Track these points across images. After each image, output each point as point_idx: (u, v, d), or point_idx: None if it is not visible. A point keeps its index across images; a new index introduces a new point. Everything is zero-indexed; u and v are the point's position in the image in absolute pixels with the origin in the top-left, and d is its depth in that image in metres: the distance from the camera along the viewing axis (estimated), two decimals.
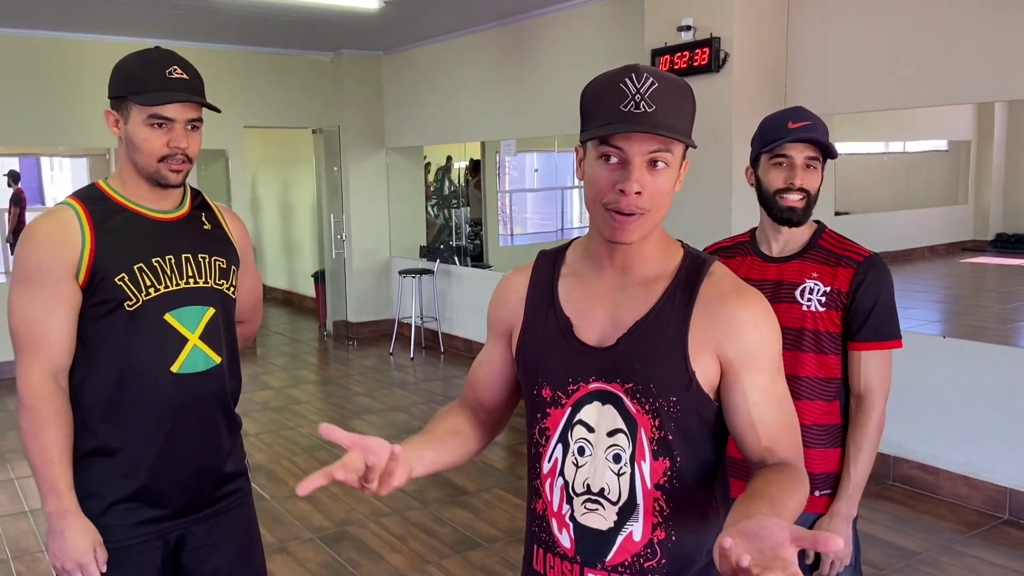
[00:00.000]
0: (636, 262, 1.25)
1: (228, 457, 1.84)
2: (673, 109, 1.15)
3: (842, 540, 1.03)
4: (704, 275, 1.24)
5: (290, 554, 3.65)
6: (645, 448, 1.22)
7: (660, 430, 1.21)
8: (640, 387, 1.21)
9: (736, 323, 1.20)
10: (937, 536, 3.70)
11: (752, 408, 1.21)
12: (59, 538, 1.62)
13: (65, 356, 1.66)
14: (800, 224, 1.93)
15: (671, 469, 1.22)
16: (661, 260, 1.26)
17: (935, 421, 4.12)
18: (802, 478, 1.19)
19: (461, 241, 9.70)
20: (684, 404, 1.21)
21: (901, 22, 4.11)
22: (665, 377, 1.20)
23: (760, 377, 1.21)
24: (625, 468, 1.23)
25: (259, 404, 6.01)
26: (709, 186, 4.42)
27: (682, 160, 1.21)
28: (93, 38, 6.81)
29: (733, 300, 1.22)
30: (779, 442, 1.21)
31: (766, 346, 1.22)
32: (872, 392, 1.89)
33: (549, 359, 1.28)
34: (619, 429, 1.23)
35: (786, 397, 1.25)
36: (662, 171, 1.16)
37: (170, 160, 1.67)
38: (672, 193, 1.20)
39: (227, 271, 1.82)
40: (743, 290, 1.24)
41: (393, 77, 8.08)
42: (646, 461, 1.22)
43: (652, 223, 1.20)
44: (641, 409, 1.22)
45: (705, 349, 1.20)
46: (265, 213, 11.07)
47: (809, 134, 1.85)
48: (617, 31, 5.58)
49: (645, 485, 1.23)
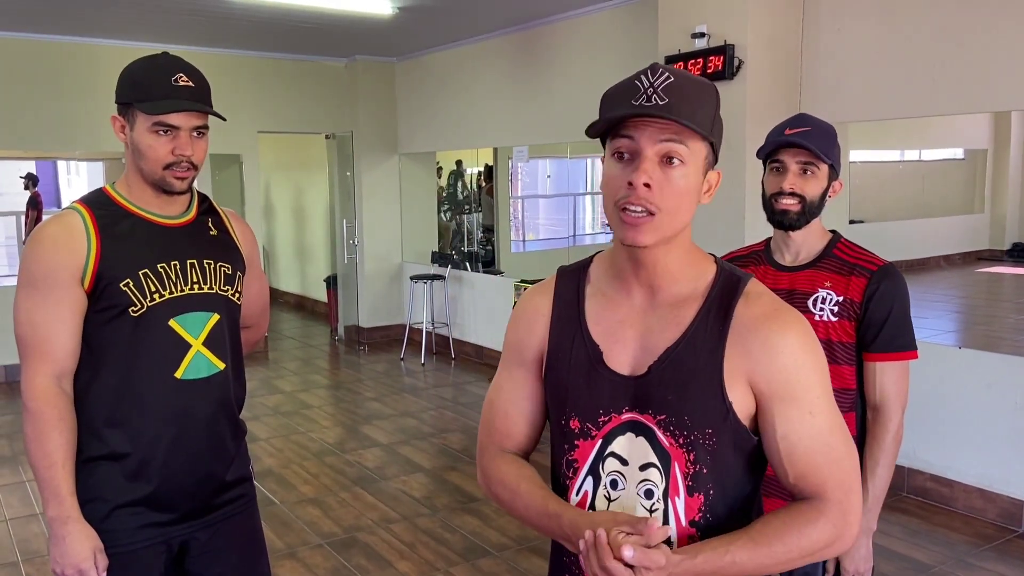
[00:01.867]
0: (663, 280, 1.17)
1: (232, 463, 1.83)
2: (689, 104, 1.08)
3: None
4: (739, 295, 1.16)
5: (299, 560, 3.64)
6: (679, 484, 1.15)
7: (695, 464, 1.15)
8: (674, 419, 1.14)
9: (770, 351, 1.12)
10: (951, 549, 3.65)
11: (781, 442, 1.13)
12: (60, 543, 1.61)
13: (70, 360, 1.66)
14: (795, 228, 1.91)
15: (706, 504, 1.16)
16: (691, 277, 1.18)
17: (950, 432, 4.07)
18: (818, 518, 1.11)
19: (473, 247, 9.70)
20: (721, 437, 1.14)
21: (917, 30, 4.08)
22: (700, 408, 1.13)
23: (791, 410, 1.13)
24: (658, 504, 1.16)
25: (270, 408, 6.01)
26: (722, 194, 4.38)
27: (707, 165, 1.14)
28: (109, 43, 6.87)
29: (768, 324, 1.13)
30: (808, 479, 1.13)
31: (801, 376, 1.13)
32: (888, 404, 1.86)
33: (578, 389, 1.21)
34: (651, 463, 1.16)
35: (828, 431, 1.14)
36: (677, 168, 1.10)
37: (175, 167, 1.67)
38: (692, 197, 1.13)
39: (232, 277, 1.81)
40: (780, 313, 1.15)
41: (406, 83, 8.10)
42: (680, 497, 1.15)
43: (668, 227, 1.11)
44: (675, 442, 1.15)
45: (740, 377, 1.13)
46: (278, 218, 11.12)
47: (800, 140, 1.85)
48: (630, 38, 5.57)
49: (680, 523, 1.15)
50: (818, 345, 1.16)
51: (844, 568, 1.88)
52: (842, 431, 1.16)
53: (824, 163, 1.87)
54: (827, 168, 1.89)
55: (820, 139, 1.87)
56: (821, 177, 1.89)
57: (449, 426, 5.60)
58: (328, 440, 5.30)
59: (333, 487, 4.49)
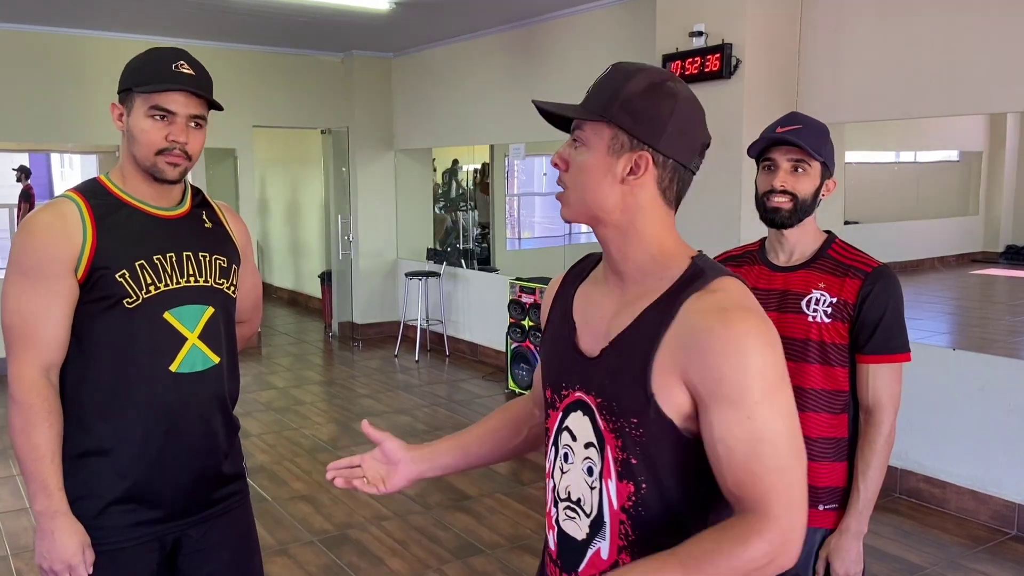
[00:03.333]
0: (629, 268, 1.19)
1: (226, 459, 1.82)
2: (595, 94, 1.18)
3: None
4: (695, 290, 1.12)
5: (290, 556, 3.63)
6: (611, 467, 1.16)
7: (623, 451, 1.14)
8: (606, 403, 1.16)
9: (701, 348, 1.07)
10: (943, 551, 3.66)
11: (718, 445, 1.08)
12: (48, 538, 1.59)
13: (58, 352, 1.63)
14: (787, 226, 1.91)
15: (635, 495, 1.15)
16: (658, 269, 1.17)
17: (943, 434, 4.08)
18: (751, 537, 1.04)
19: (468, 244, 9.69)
20: (647, 429, 1.12)
21: (914, 31, 4.08)
22: (627, 396, 1.13)
23: (727, 412, 1.06)
24: (596, 483, 1.19)
25: (262, 404, 5.99)
26: (718, 194, 4.39)
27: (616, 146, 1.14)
28: (104, 35, 6.83)
29: (708, 320, 1.08)
30: (746, 488, 1.07)
31: (739, 378, 1.06)
32: (881, 406, 1.85)
33: (552, 361, 1.29)
34: (591, 443, 1.19)
35: (770, 438, 1.07)
36: (579, 150, 1.18)
37: (167, 153, 1.64)
38: (595, 176, 1.15)
39: (228, 270, 1.80)
40: (728, 312, 1.08)
41: (403, 79, 8.08)
42: (612, 480, 1.16)
43: (577, 203, 1.18)
44: (607, 426, 1.16)
45: (672, 371, 1.10)
46: (273, 213, 11.08)
47: (790, 137, 1.85)
48: (628, 36, 5.56)
49: (612, 505, 1.17)
50: (772, 349, 1.09)
51: (834, 570, 1.87)
52: (788, 440, 1.08)
53: (816, 160, 1.87)
54: (819, 166, 1.88)
55: (811, 136, 1.86)
56: (813, 175, 1.88)
57: (443, 424, 5.59)
58: (321, 437, 5.29)
59: (325, 484, 4.47)
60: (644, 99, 1.14)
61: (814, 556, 1.91)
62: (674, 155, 1.15)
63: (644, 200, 1.16)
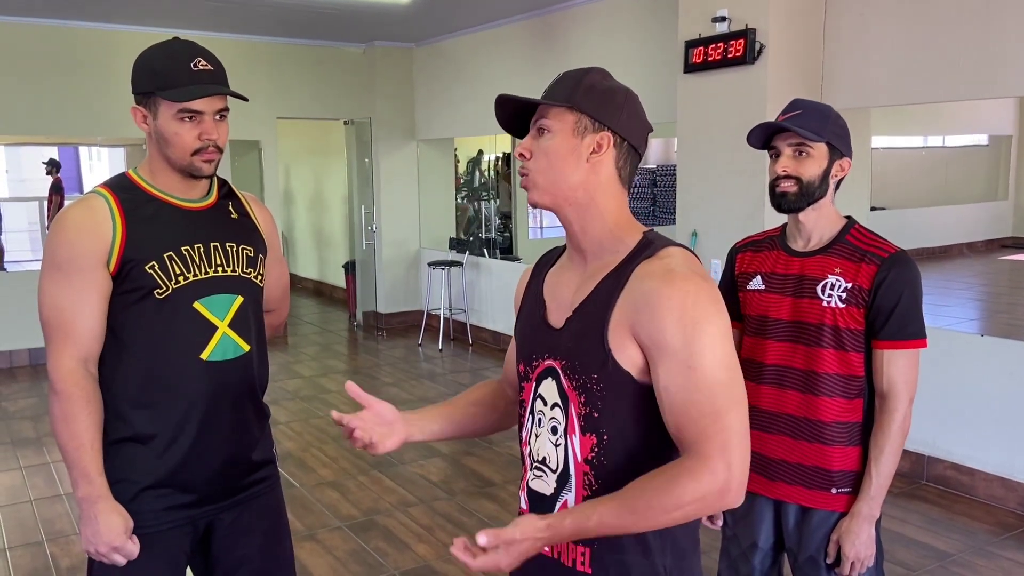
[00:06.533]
0: (590, 245, 1.32)
1: (257, 445, 1.85)
2: (556, 87, 1.31)
3: None
4: (645, 257, 1.26)
5: (318, 542, 3.68)
6: (575, 423, 1.28)
7: (586, 406, 1.27)
8: (570, 364, 1.29)
9: (648, 306, 1.20)
10: (971, 537, 3.64)
11: (663, 393, 1.20)
12: (92, 523, 1.63)
13: (95, 343, 1.67)
14: (796, 210, 1.91)
15: (598, 446, 1.26)
16: (614, 243, 1.30)
17: (971, 420, 4.04)
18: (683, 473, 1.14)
19: (491, 233, 9.70)
20: (607, 383, 1.24)
21: (940, 14, 4.02)
22: (588, 354, 1.26)
23: (670, 362, 1.18)
24: (561, 440, 1.31)
25: (289, 393, 6.07)
26: (742, 180, 4.36)
27: (580, 129, 1.28)
28: (130, 29, 6.91)
29: (652, 280, 1.22)
30: (685, 432, 1.17)
31: (680, 330, 1.17)
32: (896, 392, 1.84)
33: (524, 339, 1.41)
34: (556, 403, 1.31)
35: (709, 386, 1.16)
36: (545, 136, 1.30)
37: (203, 152, 1.69)
38: (561, 156, 1.28)
39: (255, 260, 1.83)
40: (673, 273, 1.21)
41: (424, 69, 8.09)
42: (576, 435, 1.28)
43: (544, 185, 1.29)
44: (571, 385, 1.28)
45: (624, 328, 1.23)
46: (297, 204, 11.16)
47: (785, 124, 1.87)
48: (650, 22, 5.53)
49: (576, 458, 1.29)
50: (712, 305, 1.19)
51: (844, 553, 1.87)
52: (726, 387, 1.17)
53: (817, 142, 1.87)
54: (824, 147, 1.88)
55: (810, 119, 1.87)
56: (817, 157, 1.88)
57: None
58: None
59: (352, 471, 4.53)
60: (602, 88, 1.30)
61: (827, 539, 1.92)
62: (628, 137, 1.30)
63: (604, 177, 1.30)
